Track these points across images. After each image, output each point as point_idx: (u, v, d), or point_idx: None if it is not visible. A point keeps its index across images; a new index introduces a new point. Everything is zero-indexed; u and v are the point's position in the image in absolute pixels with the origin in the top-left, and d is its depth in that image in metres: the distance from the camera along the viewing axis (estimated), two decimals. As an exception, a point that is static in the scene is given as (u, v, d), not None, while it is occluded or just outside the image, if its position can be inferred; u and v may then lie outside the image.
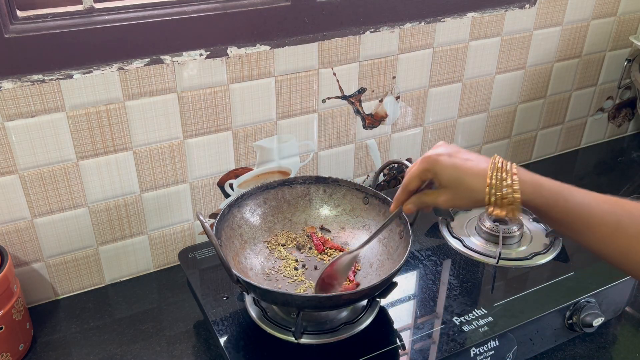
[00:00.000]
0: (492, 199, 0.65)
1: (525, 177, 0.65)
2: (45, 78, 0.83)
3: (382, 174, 1.23)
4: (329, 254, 0.94)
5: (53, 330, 0.93)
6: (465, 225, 1.08)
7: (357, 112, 1.12)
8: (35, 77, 0.82)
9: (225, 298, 0.90)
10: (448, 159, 0.67)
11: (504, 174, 0.64)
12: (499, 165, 0.65)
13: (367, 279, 0.89)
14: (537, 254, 1.00)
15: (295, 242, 0.96)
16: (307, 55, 1.01)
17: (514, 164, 0.66)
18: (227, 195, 1.06)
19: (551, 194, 0.64)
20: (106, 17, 0.85)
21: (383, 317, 0.87)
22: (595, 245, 0.63)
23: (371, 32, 1.05)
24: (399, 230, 0.90)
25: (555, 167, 1.41)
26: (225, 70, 0.95)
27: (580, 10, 1.26)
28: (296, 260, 0.93)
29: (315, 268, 0.92)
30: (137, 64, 0.88)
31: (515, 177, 0.64)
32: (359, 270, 0.91)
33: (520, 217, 1.07)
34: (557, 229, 0.67)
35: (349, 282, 0.89)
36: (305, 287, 0.88)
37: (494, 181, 0.64)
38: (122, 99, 0.89)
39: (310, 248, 0.96)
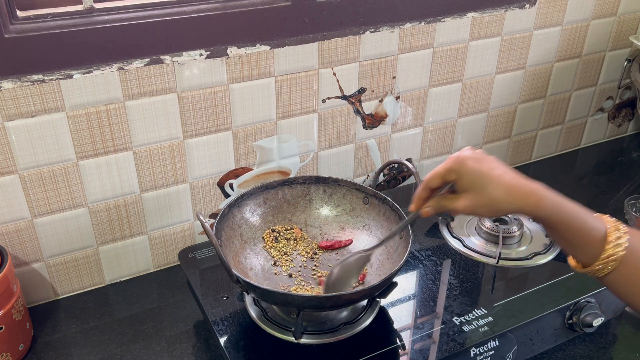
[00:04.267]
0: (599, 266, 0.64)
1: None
2: (45, 78, 0.83)
3: (382, 174, 1.23)
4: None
5: (53, 330, 0.93)
6: (465, 225, 1.08)
7: (357, 112, 1.12)
8: (35, 77, 0.82)
9: (225, 298, 0.90)
10: (474, 164, 0.65)
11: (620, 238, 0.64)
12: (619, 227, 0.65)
13: (367, 279, 0.89)
14: (537, 254, 1.00)
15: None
16: (307, 55, 1.01)
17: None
18: (227, 195, 1.06)
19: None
20: (106, 17, 0.85)
21: (383, 317, 0.87)
22: None
23: (371, 32, 1.05)
24: (399, 230, 0.90)
25: (555, 167, 1.41)
26: (225, 70, 0.95)
27: (580, 10, 1.26)
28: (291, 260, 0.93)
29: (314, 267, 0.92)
30: (137, 64, 0.88)
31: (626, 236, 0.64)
32: (366, 272, 0.91)
33: (520, 217, 1.07)
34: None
35: (358, 284, 0.88)
36: (303, 286, 0.88)
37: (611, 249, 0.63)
38: (122, 99, 0.89)
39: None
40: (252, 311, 0.87)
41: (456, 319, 0.86)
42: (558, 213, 0.64)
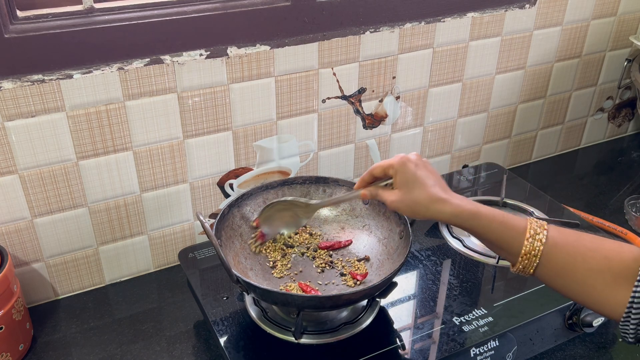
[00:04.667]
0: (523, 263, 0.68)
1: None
2: (45, 78, 0.83)
3: (382, 174, 1.23)
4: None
5: (53, 330, 0.93)
6: (465, 225, 1.08)
7: (357, 112, 1.12)
8: (35, 77, 0.82)
9: (225, 298, 0.90)
10: (413, 167, 0.72)
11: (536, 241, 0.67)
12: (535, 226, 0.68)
13: (367, 278, 0.89)
14: (537, 254, 1.00)
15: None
16: (307, 55, 1.01)
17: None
18: (227, 195, 1.06)
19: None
20: (106, 17, 0.85)
21: (383, 317, 0.87)
22: None
23: (371, 32, 1.05)
24: (399, 230, 0.90)
25: (555, 167, 1.41)
26: (225, 70, 0.95)
27: (580, 10, 1.26)
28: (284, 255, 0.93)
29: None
30: (137, 64, 0.88)
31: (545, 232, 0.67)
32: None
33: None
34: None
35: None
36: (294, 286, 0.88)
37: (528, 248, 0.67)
38: (122, 99, 0.89)
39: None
40: (252, 311, 0.87)
41: (456, 319, 0.86)
42: (476, 218, 0.69)
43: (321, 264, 0.92)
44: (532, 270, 0.67)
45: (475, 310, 0.87)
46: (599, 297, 0.64)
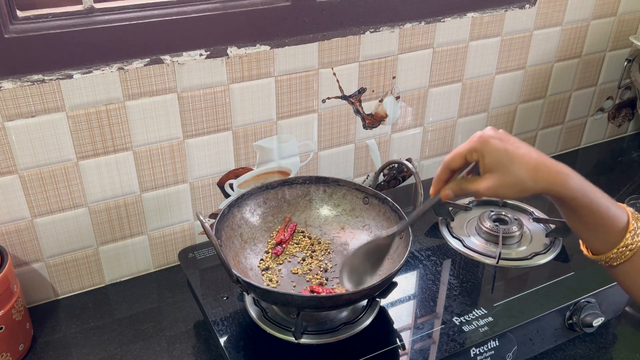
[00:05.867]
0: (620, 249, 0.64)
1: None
2: (45, 78, 0.83)
3: (382, 174, 1.23)
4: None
5: (53, 330, 0.93)
6: (465, 225, 1.08)
7: (357, 112, 1.12)
8: (35, 77, 0.82)
9: (225, 298, 0.90)
10: (499, 142, 0.63)
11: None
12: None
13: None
14: (537, 254, 1.00)
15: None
16: (307, 55, 1.01)
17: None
18: (227, 195, 1.06)
19: None
20: (106, 17, 0.85)
21: (383, 317, 0.87)
22: None
23: (371, 32, 1.05)
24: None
25: (555, 167, 1.40)
26: (225, 70, 0.95)
27: (580, 10, 1.26)
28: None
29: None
30: (137, 64, 0.88)
31: None
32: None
33: (520, 217, 1.07)
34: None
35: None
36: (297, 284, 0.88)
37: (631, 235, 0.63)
38: (122, 99, 0.89)
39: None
40: (252, 311, 0.87)
41: (456, 319, 0.86)
42: (584, 195, 0.62)
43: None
44: (618, 263, 0.63)
45: (475, 310, 0.87)
46: None
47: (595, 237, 0.65)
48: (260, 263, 0.92)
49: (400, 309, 0.89)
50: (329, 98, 1.07)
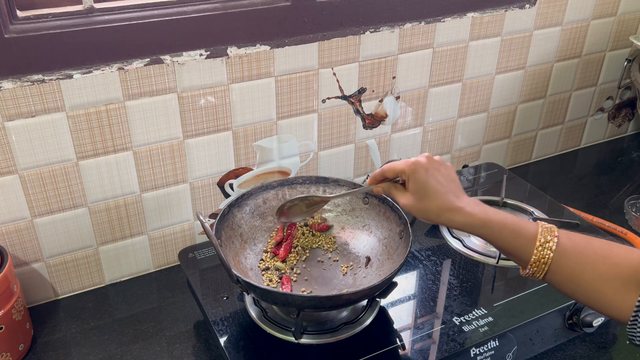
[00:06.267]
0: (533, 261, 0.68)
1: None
2: (45, 78, 0.83)
3: (382, 174, 1.23)
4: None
5: (53, 330, 0.93)
6: (465, 225, 1.08)
7: (357, 112, 1.12)
8: (35, 77, 0.82)
9: (225, 298, 0.90)
10: (424, 174, 0.72)
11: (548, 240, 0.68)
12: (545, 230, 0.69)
13: (367, 279, 0.89)
14: (537, 254, 1.00)
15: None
16: (307, 55, 1.01)
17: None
18: (227, 195, 1.06)
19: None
20: (106, 17, 0.85)
21: (383, 317, 0.87)
22: None
23: (371, 32, 1.05)
24: (399, 230, 0.90)
25: (555, 167, 1.41)
26: (225, 70, 0.95)
27: (580, 10, 1.26)
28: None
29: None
30: (137, 64, 0.88)
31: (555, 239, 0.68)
32: (351, 268, 0.91)
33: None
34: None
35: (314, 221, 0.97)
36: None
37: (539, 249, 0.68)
38: (122, 99, 0.89)
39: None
40: (252, 311, 0.87)
41: (456, 319, 0.86)
42: (487, 226, 0.69)
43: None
44: (541, 276, 0.68)
45: (475, 310, 0.87)
46: (609, 303, 0.64)
47: (513, 257, 0.71)
48: (260, 263, 0.92)
49: (400, 309, 0.89)
50: (329, 98, 1.07)
